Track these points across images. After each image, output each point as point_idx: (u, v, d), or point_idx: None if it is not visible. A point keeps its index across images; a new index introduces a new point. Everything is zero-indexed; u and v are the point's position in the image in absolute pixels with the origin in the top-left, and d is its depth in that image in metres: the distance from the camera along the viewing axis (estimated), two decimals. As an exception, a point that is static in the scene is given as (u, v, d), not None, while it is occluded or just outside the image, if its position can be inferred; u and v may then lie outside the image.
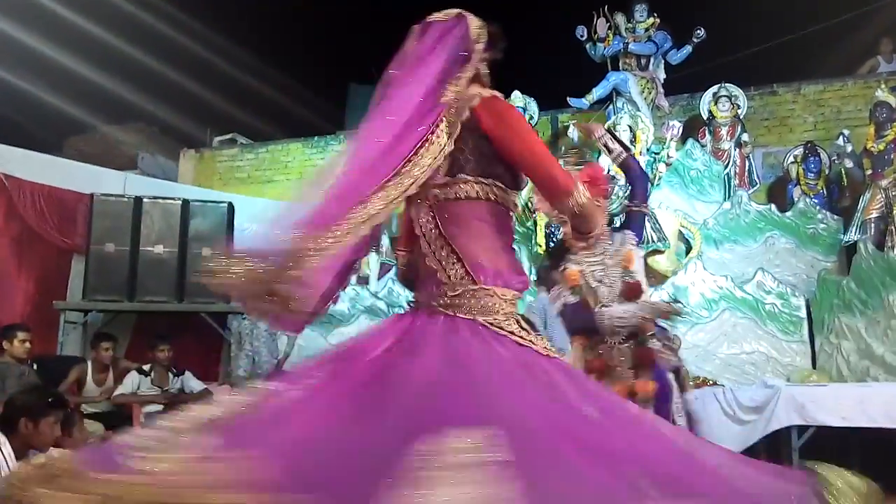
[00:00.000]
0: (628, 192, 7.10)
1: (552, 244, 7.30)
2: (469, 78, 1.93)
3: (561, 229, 3.25)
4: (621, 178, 7.36)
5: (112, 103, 12.55)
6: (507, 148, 1.88)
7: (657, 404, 2.99)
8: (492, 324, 1.79)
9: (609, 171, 7.41)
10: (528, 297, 5.73)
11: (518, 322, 1.84)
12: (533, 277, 5.96)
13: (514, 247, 1.96)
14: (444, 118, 1.84)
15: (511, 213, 1.97)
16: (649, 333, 3.09)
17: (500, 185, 1.90)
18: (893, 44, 9.05)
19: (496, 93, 1.96)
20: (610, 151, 3.33)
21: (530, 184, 1.98)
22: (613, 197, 7.35)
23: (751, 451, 5.33)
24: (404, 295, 7.64)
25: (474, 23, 1.96)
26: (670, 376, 3.14)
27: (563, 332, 3.28)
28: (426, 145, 1.80)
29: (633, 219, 3.27)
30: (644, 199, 3.29)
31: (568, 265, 3.18)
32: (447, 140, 1.84)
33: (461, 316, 1.80)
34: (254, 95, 12.94)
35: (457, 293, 1.82)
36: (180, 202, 7.46)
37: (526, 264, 7.71)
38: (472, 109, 1.88)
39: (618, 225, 3.37)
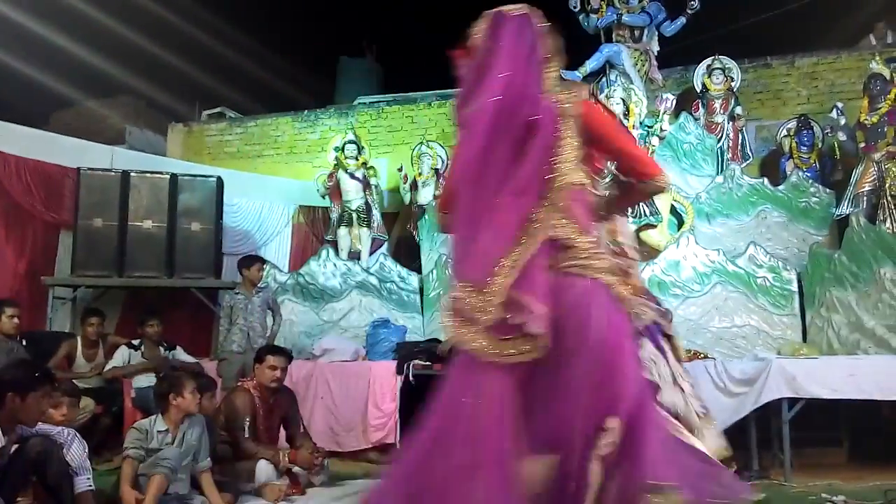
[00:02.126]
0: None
1: None
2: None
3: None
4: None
5: (99, 78, 12.38)
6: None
7: None
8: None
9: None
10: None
11: None
12: None
13: None
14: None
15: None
16: None
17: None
18: (887, 25, 9.01)
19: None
20: None
21: None
22: (605, 171, 7.30)
23: (742, 423, 5.37)
24: (396, 270, 7.61)
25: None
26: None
27: None
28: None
29: None
30: None
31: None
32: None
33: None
34: (242, 69, 12.78)
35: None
36: (168, 176, 7.37)
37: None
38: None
39: None
